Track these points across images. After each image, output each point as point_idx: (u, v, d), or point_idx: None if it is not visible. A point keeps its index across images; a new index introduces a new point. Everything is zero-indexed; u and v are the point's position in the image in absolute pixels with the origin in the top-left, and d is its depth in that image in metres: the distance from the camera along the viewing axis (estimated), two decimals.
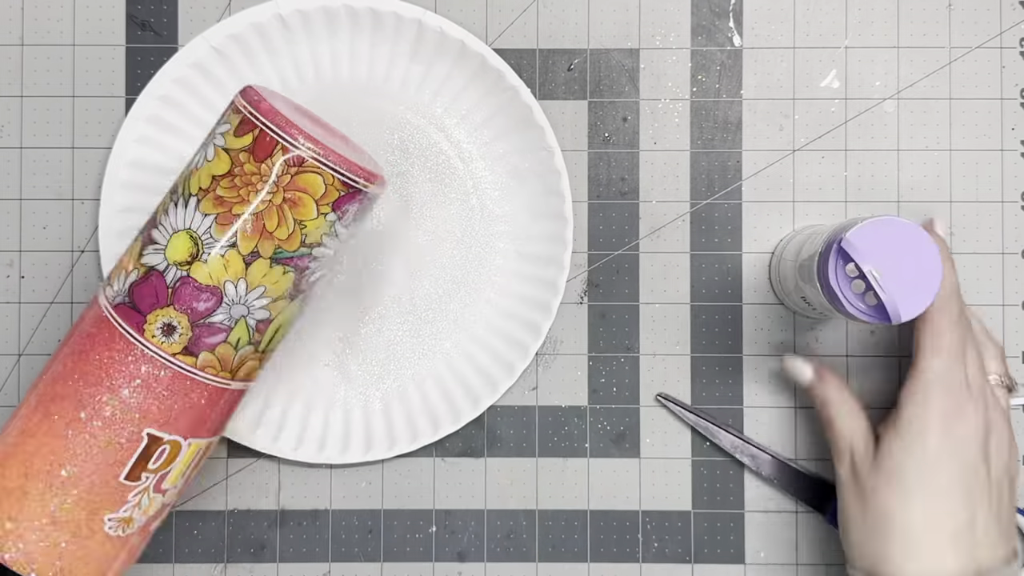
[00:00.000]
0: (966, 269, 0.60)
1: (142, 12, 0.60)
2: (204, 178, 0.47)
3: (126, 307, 0.47)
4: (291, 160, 0.46)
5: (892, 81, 0.60)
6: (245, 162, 0.46)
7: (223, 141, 0.47)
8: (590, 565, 0.60)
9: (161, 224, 0.47)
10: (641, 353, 0.60)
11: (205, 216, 0.46)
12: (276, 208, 0.46)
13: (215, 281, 0.46)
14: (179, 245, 0.46)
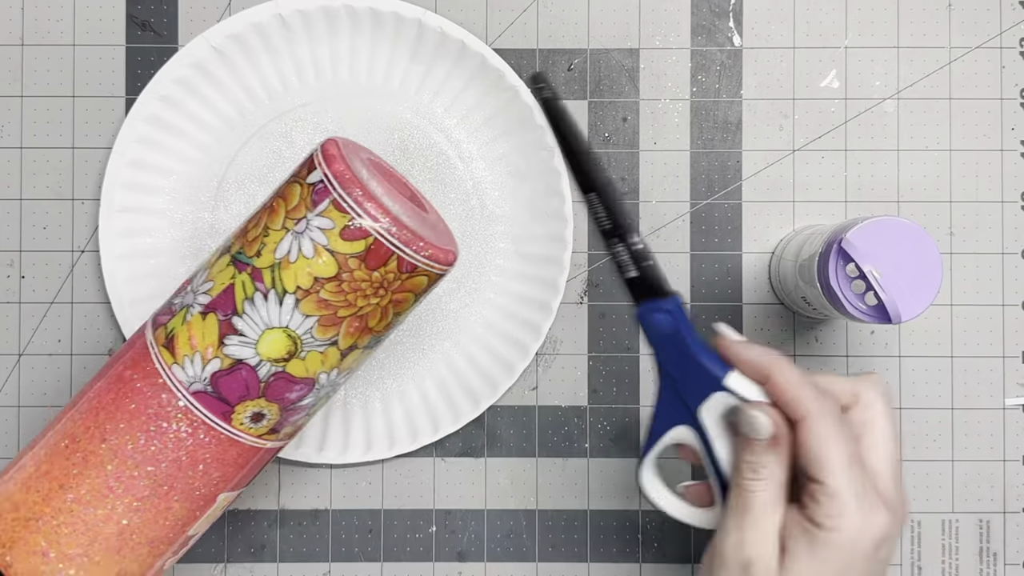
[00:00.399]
0: (966, 269, 0.60)
1: (142, 12, 0.60)
2: (304, 277, 0.44)
3: (209, 396, 0.45)
4: (405, 267, 0.45)
5: (892, 81, 0.60)
6: (355, 268, 0.44)
7: (326, 240, 0.44)
8: (590, 565, 0.60)
9: (248, 315, 0.45)
10: (641, 353, 0.60)
11: (306, 317, 0.44)
12: (381, 309, 0.45)
13: (310, 374, 0.46)
14: (276, 343, 0.45)
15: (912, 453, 0.60)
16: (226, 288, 0.45)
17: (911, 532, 0.60)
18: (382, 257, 0.44)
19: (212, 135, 0.59)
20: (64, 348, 0.60)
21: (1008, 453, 0.60)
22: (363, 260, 0.44)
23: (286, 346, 0.45)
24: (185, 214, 0.59)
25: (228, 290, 0.45)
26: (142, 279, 0.59)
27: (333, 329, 0.45)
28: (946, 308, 0.60)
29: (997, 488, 0.60)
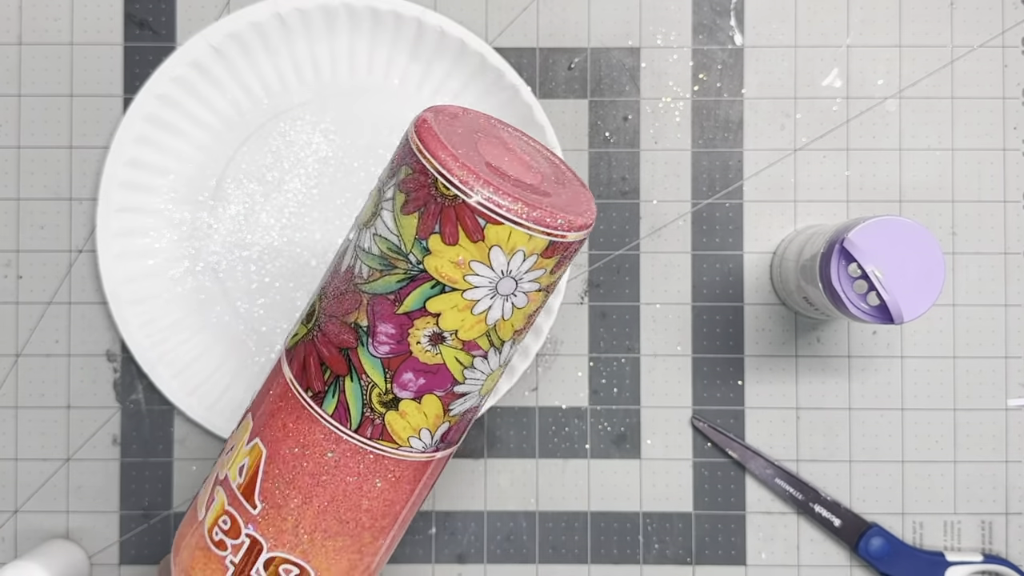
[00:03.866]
0: (968, 269, 0.60)
1: (140, 11, 0.60)
2: (520, 321, 0.43)
3: (441, 448, 0.44)
4: (572, 256, 0.43)
5: (894, 80, 0.60)
6: (550, 284, 0.43)
7: (538, 285, 0.42)
8: (590, 567, 0.60)
9: (470, 379, 0.43)
10: (642, 354, 0.60)
11: (514, 342, 0.44)
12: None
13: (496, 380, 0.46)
14: (495, 377, 0.44)
15: (914, 454, 0.60)
16: (435, 369, 0.42)
17: (914, 533, 0.59)
18: (564, 262, 0.42)
19: (210, 134, 0.59)
20: (62, 349, 0.60)
21: (1011, 454, 0.60)
22: (554, 273, 0.42)
23: (501, 372, 0.44)
24: (183, 214, 0.59)
25: (439, 370, 0.42)
26: (140, 279, 0.58)
27: (526, 331, 0.44)
28: (948, 308, 0.60)
29: (999, 489, 0.60)
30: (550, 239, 0.40)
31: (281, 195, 0.59)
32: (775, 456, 0.60)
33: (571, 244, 0.41)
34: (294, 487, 0.43)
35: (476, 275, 0.40)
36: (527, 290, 0.41)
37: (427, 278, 0.40)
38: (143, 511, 0.60)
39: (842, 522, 0.59)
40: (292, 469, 0.43)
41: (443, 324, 0.41)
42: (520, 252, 0.40)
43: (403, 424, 0.42)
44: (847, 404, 0.60)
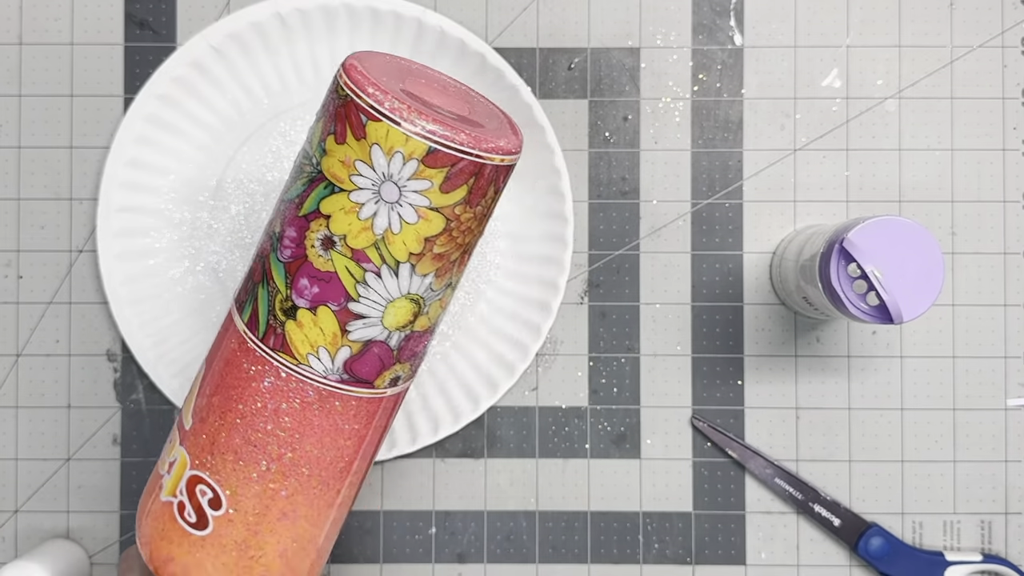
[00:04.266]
0: (967, 269, 0.60)
1: (140, 11, 0.60)
2: (413, 243, 0.42)
3: (348, 381, 0.44)
4: (500, 187, 0.43)
5: (894, 80, 0.60)
6: (461, 214, 0.42)
7: (428, 201, 0.41)
8: (590, 566, 0.60)
9: (364, 298, 0.42)
10: (642, 353, 0.60)
11: (424, 277, 0.43)
12: (481, 232, 0.44)
13: (433, 322, 0.45)
14: (400, 311, 0.43)
15: (914, 454, 0.60)
16: (327, 277, 0.42)
17: (913, 533, 0.59)
18: (483, 189, 0.42)
19: (210, 134, 0.59)
20: (62, 349, 0.60)
21: (1010, 454, 0.60)
22: (467, 203, 0.42)
23: (411, 310, 0.43)
24: (183, 214, 0.59)
25: (331, 279, 0.42)
26: (140, 279, 0.58)
27: (448, 274, 0.44)
28: (948, 308, 0.60)
29: (999, 489, 0.60)
30: (429, 144, 0.40)
31: None
32: (775, 456, 0.60)
33: (459, 161, 0.41)
34: (214, 400, 0.45)
35: (360, 175, 0.41)
36: (414, 203, 0.41)
37: (322, 179, 0.42)
38: None
39: (842, 522, 0.59)
40: (216, 382, 0.45)
41: (333, 227, 0.42)
42: (399, 154, 0.40)
43: (301, 337, 0.43)
44: (847, 404, 0.60)
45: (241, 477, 0.44)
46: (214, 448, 0.44)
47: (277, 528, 0.45)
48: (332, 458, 0.45)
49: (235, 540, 0.45)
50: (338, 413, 0.44)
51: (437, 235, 0.42)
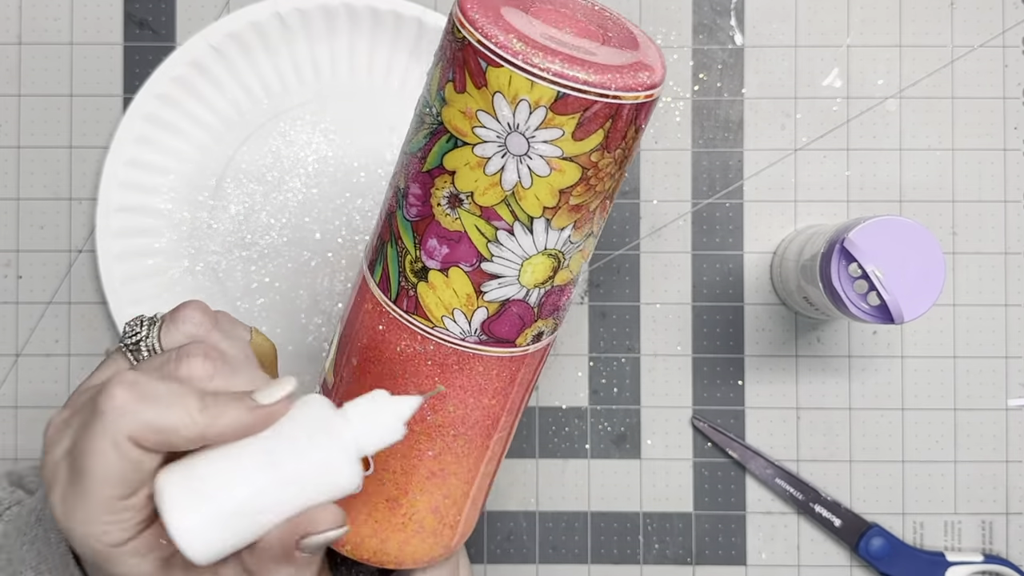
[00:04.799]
0: (968, 269, 0.60)
1: (140, 11, 0.60)
2: (547, 196, 0.38)
3: (488, 343, 0.41)
4: (641, 126, 0.39)
5: (894, 80, 0.60)
6: (599, 160, 0.38)
7: (560, 151, 0.37)
8: (591, 567, 0.60)
9: (498, 257, 0.39)
10: (642, 353, 0.60)
11: (561, 231, 0.39)
12: (622, 174, 0.40)
13: (575, 273, 0.42)
14: (539, 268, 0.40)
15: (914, 454, 0.60)
16: (456, 237, 0.39)
17: (914, 533, 0.59)
18: (621, 132, 0.38)
19: (210, 134, 0.59)
20: (62, 349, 0.60)
21: (1011, 454, 0.60)
22: (604, 148, 0.38)
23: (550, 266, 0.40)
24: (183, 214, 0.59)
25: (460, 239, 0.39)
26: (140, 279, 0.58)
27: (588, 225, 0.40)
28: (949, 308, 0.60)
29: (1000, 489, 0.60)
30: (557, 89, 0.36)
31: (281, 195, 0.59)
32: (775, 456, 0.60)
33: (592, 104, 0.37)
34: (352, 360, 0.43)
35: (483, 127, 0.37)
36: (545, 154, 0.37)
37: (443, 131, 0.38)
38: None
39: (842, 522, 0.59)
40: (353, 343, 0.43)
41: (458, 184, 0.38)
42: (524, 102, 0.36)
43: (434, 299, 0.40)
44: (847, 404, 0.60)
45: None
46: None
47: (427, 487, 0.43)
48: (477, 418, 0.43)
49: (385, 498, 0.43)
50: (479, 374, 0.42)
51: (573, 186, 0.38)
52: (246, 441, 0.35)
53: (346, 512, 0.40)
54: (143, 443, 0.33)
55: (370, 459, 0.43)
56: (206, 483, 0.34)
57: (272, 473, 0.34)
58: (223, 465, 0.34)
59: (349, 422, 0.35)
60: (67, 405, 0.37)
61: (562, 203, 0.38)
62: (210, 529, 0.33)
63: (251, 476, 0.34)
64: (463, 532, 0.46)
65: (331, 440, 0.35)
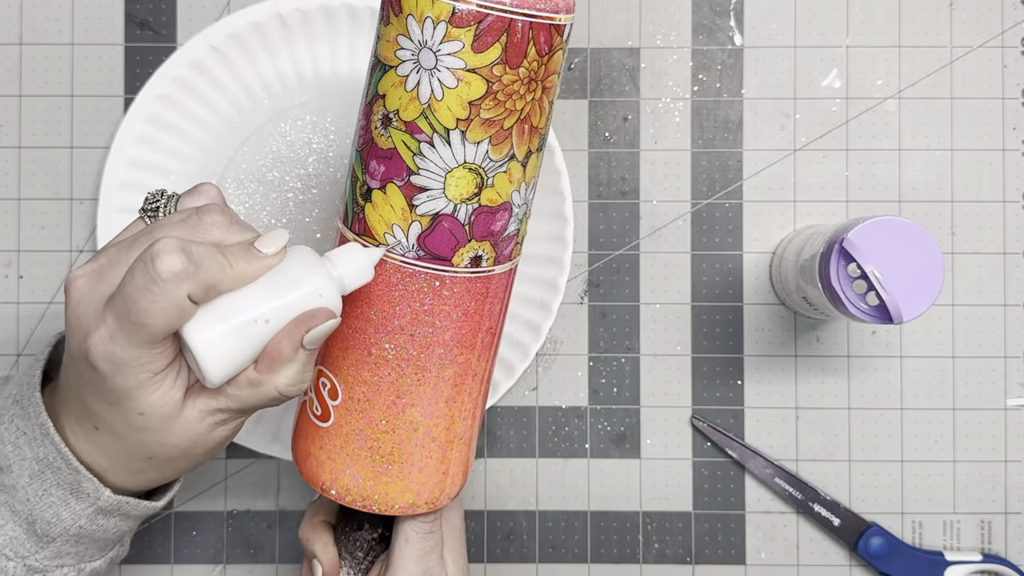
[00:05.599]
0: (967, 269, 0.60)
1: (141, 11, 0.60)
2: (457, 108, 0.42)
3: (426, 259, 0.44)
4: (543, 51, 0.43)
5: (893, 80, 0.60)
6: (502, 75, 0.42)
7: (463, 63, 0.42)
8: (590, 566, 0.60)
9: (424, 170, 0.43)
10: (641, 353, 0.60)
11: (477, 144, 0.43)
12: (537, 103, 0.44)
13: (504, 198, 0.44)
14: (462, 182, 0.43)
15: (913, 454, 0.60)
16: (389, 154, 0.44)
17: (913, 532, 0.60)
18: (521, 47, 0.42)
19: (211, 134, 0.59)
20: None
21: (1009, 454, 0.60)
22: (506, 63, 0.42)
23: (473, 181, 0.43)
24: None
25: (392, 155, 0.44)
26: None
27: (506, 144, 0.43)
28: (947, 308, 0.60)
29: (999, 489, 0.60)
30: (452, 4, 0.41)
31: (281, 195, 0.59)
32: (774, 456, 0.60)
33: (486, 17, 0.41)
34: None
35: (402, 48, 0.43)
36: (451, 66, 0.42)
37: (378, 63, 0.44)
38: None
39: (841, 521, 0.59)
40: None
41: (388, 104, 0.44)
42: (428, 19, 0.42)
43: (376, 216, 0.45)
44: (846, 404, 0.60)
45: (349, 365, 0.46)
46: (329, 342, 0.47)
47: (388, 415, 0.46)
48: (426, 343, 0.45)
49: (354, 429, 0.46)
50: (424, 294, 0.45)
51: (481, 98, 0.42)
52: (253, 283, 0.42)
53: (324, 449, 0.46)
54: (195, 298, 0.40)
55: (338, 386, 0.47)
56: (222, 309, 0.41)
57: (276, 299, 0.41)
58: (236, 297, 0.41)
59: (333, 263, 0.43)
60: (92, 259, 0.42)
61: (473, 115, 0.42)
62: (224, 343, 0.40)
63: (259, 302, 0.41)
64: (452, 474, 0.48)
65: (320, 274, 0.42)
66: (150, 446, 0.43)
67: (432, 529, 0.48)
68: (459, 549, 0.50)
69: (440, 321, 0.45)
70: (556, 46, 0.43)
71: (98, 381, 0.41)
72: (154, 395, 0.41)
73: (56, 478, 0.43)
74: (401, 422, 0.46)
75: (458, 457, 0.48)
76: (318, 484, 0.47)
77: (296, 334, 0.41)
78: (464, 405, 0.48)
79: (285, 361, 0.42)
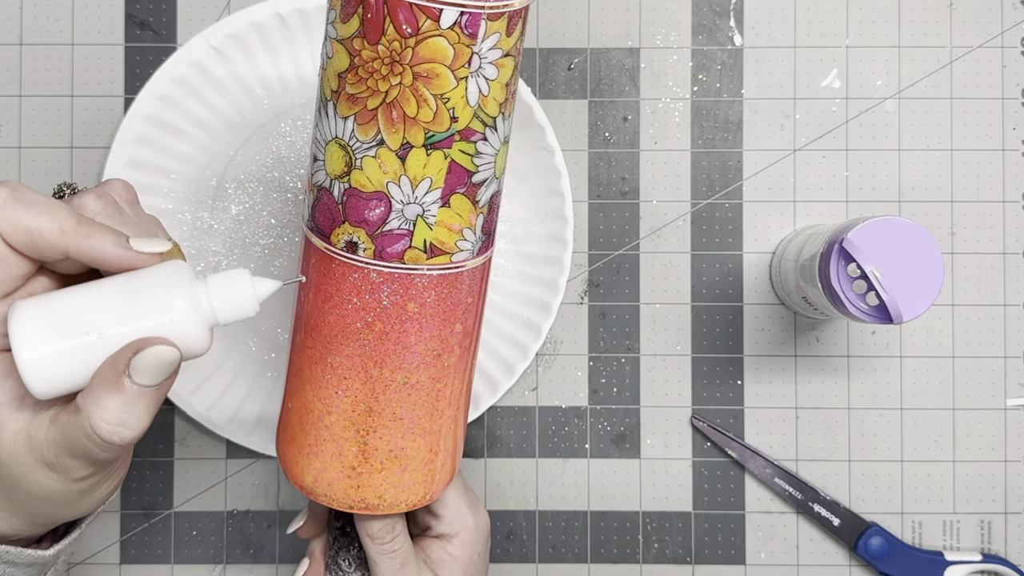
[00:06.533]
0: (967, 269, 0.60)
1: (141, 11, 0.60)
2: (332, 78, 0.42)
3: (314, 230, 0.44)
4: (404, 32, 0.40)
5: (893, 80, 0.60)
6: (361, 49, 0.41)
7: (335, 32, 0.42)
8: (590, 566, 0.60)
9: (316, 139, 0.43)
10: (641, 353, 0.60)
11: (345, 120, 0.42)
12: (410, 89, 0.41)
13: (376, 186, 0.42)
14: (334, 157, 0.42)
15: (913, 454, 0.60)
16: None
17: (913, 532, 0.60)
18: (377, 24, 0.40)
19: (211, 135, 0.59)
20: None
21: (1009, 454, 0.60)
22: (364, 37, 0.40)
23: (342, 157, 0.42)
24: (184, 214, 0.59)
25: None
26: None
27: (372, 126, 0.41)
28: (947, 308, 0.60)
29: (998, 489, 0.60)
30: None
31: (281, 195, 0.59)
32: (774, 456, 0.60)
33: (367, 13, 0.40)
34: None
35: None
36: (329, 35, 0.42)
37: None
38: (143, 511, 0.60)
39: (841, 521, 0.59)
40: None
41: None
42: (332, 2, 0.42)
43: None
44: (846, 404, 0.60)
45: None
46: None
47: (289, 391, 0.46)
48: (314, 325, 0.45)
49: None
50: (314, 268, 0.44)
51: (346, 72, 0.41)
52: (104, 281, 0.36)
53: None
54: (10, 240, 0.35)
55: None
56: (56, 313, 0.35)
57: (115, 312, 0.35)
58: (77, 298, 0.35)
59: (208, 290, 0.37)
60: None
61: (341, 88, 0.42)
62: (53, 360, 0.34)
63: (101, 311, 0.35)
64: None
65: (185, 299, 0.36)
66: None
67: (395, 547, 0.47)
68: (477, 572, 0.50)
69: (325, 303, 0.44)
70: (426, 30, 0.40)
71: None
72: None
73: None
74: (293, 403, 0.46)
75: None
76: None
77: (121, 357, 0.34)
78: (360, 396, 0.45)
79: (105, 389, 0.34)
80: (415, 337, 0.44)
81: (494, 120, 0.43)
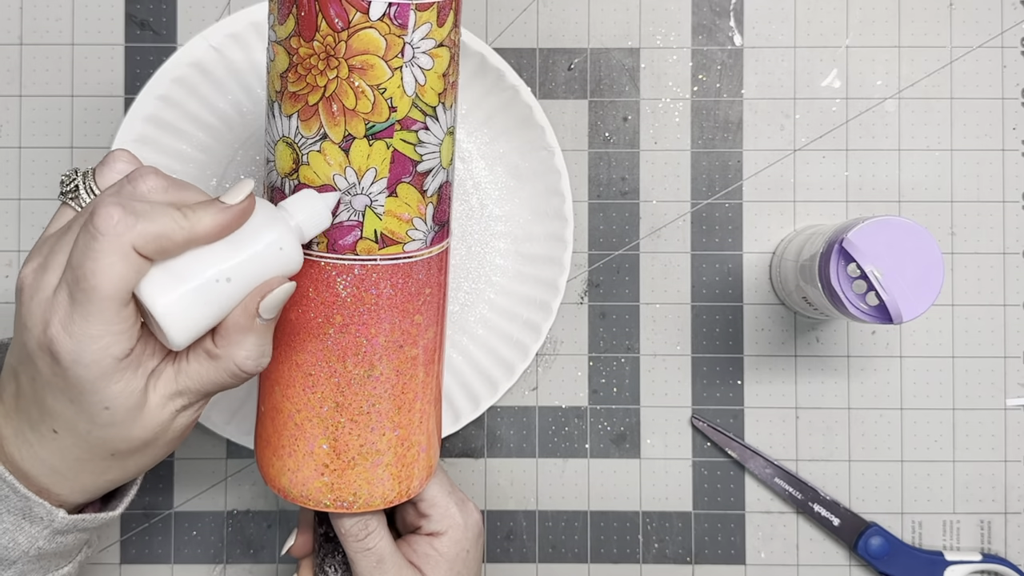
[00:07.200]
0: (967, 269, 0.60)
1: (141, 11, 0.60)
2: (275, 80, 0.44)
3: None
4: (336, 26, 0.41)
5: (893, 80, 0.60)
6: (298, 48, 0.42)
7: (274, 34, 0.43)
8: (590, 566, 0.60)
9: (267, 142, 0.45)
10: (641, 353, 0.60)
11: (289, 118, 0.43)
12: (346, 82, 0.42)
13: (323, 179, 0.43)
14: (282, 155, 0.44)
15: (913, 454, 0.60)
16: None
17: (913, 532, 0.60)
18: (311, 22, 0.41)
19: (211, 135, 0.59)
20: None
21: (1009, 454, 0.60)
22: (300, 36, 0.42)
23: (290, 155, 0.44)
24: None
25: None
26: None
27: (314, 121, 0.43)
28: (947, 308, 0.60)
29: (998, 489, 0.60)
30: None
31: None
32: (774, 456, 0.60)
33: (300, 11, 0.42)
34: None
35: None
36: (269, 38, 0.44)
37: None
38: (143, 511, 0.60)
39: (841, 521, 0.59)
40: None
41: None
42: (271, 6, 0.44)
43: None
44: (846, 404, 0.60)
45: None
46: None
47: (258, 400, 0.47)
48: (278, 323, 0.45)
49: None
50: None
51: (286, 71, 0.43)
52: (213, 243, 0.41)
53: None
54: (143, 251, 0.38)
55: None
56: (180, 270, 0.39)
57: (234, 256, 0.40)
58: (195, 255, 0.40)
59: (290, 212, 0.42)
60: (32, 256, 0.41)
61: (284, 87, 0.43)
62: (186, 303, 0.39)
63: (217, 260, 0.40)
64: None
65: (279, 225, 0.41)
66: (113, 442, 0.41)
67: (369, 545, 0.47)
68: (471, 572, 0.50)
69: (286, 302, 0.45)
70: (357, 23, 0.41)
71: (59, 377, 0.39)
72: (117, 385, 0.39)
73: (5, 505, 0.42)
74: (267, 406, 0.47)
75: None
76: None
77: (251, 303, 0.40)
78: (315, 393, 0.46)
79: (242, 332, 0.41)
80: (375, 329, 0.45)
81: (434, 109, 0.44)
